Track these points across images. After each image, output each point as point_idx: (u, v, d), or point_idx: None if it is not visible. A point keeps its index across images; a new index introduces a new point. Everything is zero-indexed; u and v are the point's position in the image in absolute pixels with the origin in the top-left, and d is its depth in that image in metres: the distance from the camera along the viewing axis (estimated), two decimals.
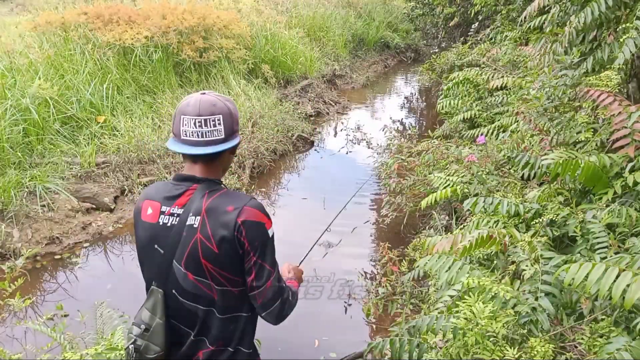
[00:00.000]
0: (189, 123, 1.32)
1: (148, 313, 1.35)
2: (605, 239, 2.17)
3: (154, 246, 1.36)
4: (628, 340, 1.64)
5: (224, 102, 1.37)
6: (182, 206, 1.35)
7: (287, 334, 3.37)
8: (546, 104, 3.20)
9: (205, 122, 1.32)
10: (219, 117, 1.33)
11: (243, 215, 1.31)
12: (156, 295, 1.36)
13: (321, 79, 9.82)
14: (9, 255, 4.13)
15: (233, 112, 1.38)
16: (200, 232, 1.31)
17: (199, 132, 1.32)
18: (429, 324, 1.95)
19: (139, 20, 6.98)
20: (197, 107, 1.32)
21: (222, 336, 1.40)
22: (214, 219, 1.31)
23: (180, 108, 1.35)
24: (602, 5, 2.65)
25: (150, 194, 1.41)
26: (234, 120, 1.39)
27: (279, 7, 10.82)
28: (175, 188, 1.38)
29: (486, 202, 2.61)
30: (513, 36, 6.43)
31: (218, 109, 1.34)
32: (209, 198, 1.34)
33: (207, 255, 1.31)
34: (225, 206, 1.33)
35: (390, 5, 15.68)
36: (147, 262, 1.40)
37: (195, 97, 1.35)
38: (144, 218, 1.38)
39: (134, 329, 1.35)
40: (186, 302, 1.36)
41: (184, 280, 1.34)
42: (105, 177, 5.23)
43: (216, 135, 1.33)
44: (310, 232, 4.83)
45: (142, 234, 1.39)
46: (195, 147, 1.33)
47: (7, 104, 5.04)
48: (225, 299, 1.37)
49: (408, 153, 4.55)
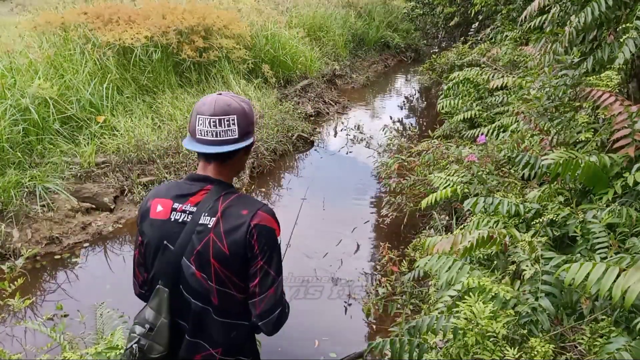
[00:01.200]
0: (204, 122, 1.33)
1: (153, 312, 1.35)
2: (605, 239, 2.17)
3: (164, 242, 1.36)
4: (628, 340, 1.63)
5: (239, 103, 1.38)
6: (195, 204, 1.36)
7: (287, 334, 3.37)
8: (546, 103, 3.20)
9: (220, 122, 1.33)
10: (233, 117, 1.34)
11: (256, 219, 1.33)
12: (162, 295, 1.36)
13: (321, 78, 9.82)
14: (9, 255, 4.13)
15: (248, 112, 1.39)
16: (214, 232, 1.32)
17: (214, 131, 1.33)
18: (429, 324, 1.94)
19: (138, 20, 6.98)
20: (212, 107, 1.33)
21: (222, 342, 1.40)
22: (228, 221, 1.33)
23: (197, 107, 1.36)
24: (602, 5, 2.65)
25: (160, 193, 1.42)
26: (249, 120, 1.40)
27: (279, 7, 10.81)
28: (188, 187, 1.40)
29: (486, 202, 2.61)
30: (513, 36, 6.43)
31: (232, 109, 1.35)
32: (225, 200, 1.36)
33: (217, 256, 1.32)
34: (239, 209, 1.35)
35: (390, 5, 15.67)
36: (155, 260, 1.40)
37: (212, 96, 1.36)
38: (154, 215, 1.38)
39: (137, 328, 1.34)
40: (191, 299, 1.36)
41: (191, 277, 1.35)
42: (105, 177, 5.22)
43: (230, 135, 1.34)
44: (310, 232, 4.85)
45: (150, 232, 1.39)
46: (209, 146, 1.35)
47: (7, 104, 5.04)
48: (225, 302, 1.36)
49: (408, 153, 4.55)
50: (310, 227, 5.00)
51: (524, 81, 4.51)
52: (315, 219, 5.10)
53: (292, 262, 4.11)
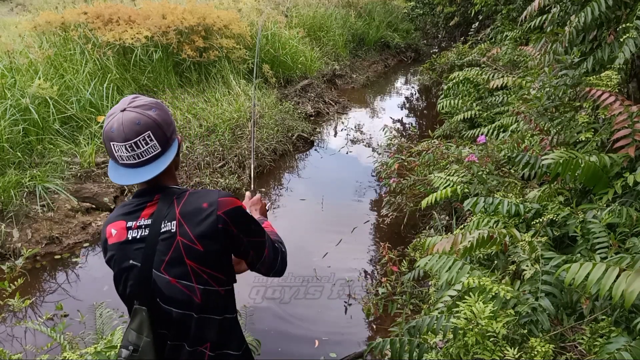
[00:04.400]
0: (121, 149, 1.27)
1: (135, 333, 1.32)
2: (605, 239, 2.17)
3: (130, 262, 1.33)
4: (628, 340, 1.63)
5: (147, 114, 1.29)
6: (149, 216, 1.34)
7: (287, 334, 3.37)
8: (546, 103, 3.20)
9: (137, 145, 1.27)
10: (147, 134, 1.28)
11: (221, 207, 1.32)
12: (141, 314, 1.33)
13: (321, 78, 9.82)
14: (9, 255, 4.13)
15: (160, 120, 1.31)
16: (180, 234, 1.30)
17: (134, 155, 1.28)
18: (429, 324, 1.94)
19: (138, 20, 6.98)
20: (122, 132, 1.26)
21: (209, 338, 1.38)
22: (192, 219, 1.31)
23: (106, 133, 1.28)
24: (602, 5, 2.65)
25: (111, 218, 1.39)
26: (165, 128, 1.32)
27: (280, 7, 10.81)
28: (137, 203, 1.37)
29: (486, 202, 2.61)
30: (513, 36, 6.43)
31: (143, 126, 1.27)
32: (179, 202, 1.34)
33: (192, 255, 1.30)
34: (199, 204, 1.33)
35: (390, 5, 15.67)
36: (126, 282, 1.36)
37: (117, 117, 1.27)
38: (111, 241, 1.35)
39: (122, 352, 1.33)
40: (172, 309, 1.34)
41: (167, 287, 1.32)
42: (105, 177, 5.22)
43: (152, 152, 1.29)
44: (309, 232, 4.84)
45: (113, 258, 1.36)
46: (136, 169, 1.30)
47: (7, 104, 5.04)
48: (210, 300, 1.35)
49: (408, 153, 4.55)
50: (311, 227, 5.00)
51: (524, 81, 4.51)
52: (315, 219, 5.10)
53: (292, 262, 4.11)
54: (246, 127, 6.47)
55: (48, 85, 5.38)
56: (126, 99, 1.33)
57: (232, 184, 5.42)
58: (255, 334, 3.05)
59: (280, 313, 3.53)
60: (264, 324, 3.44)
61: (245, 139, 6.15)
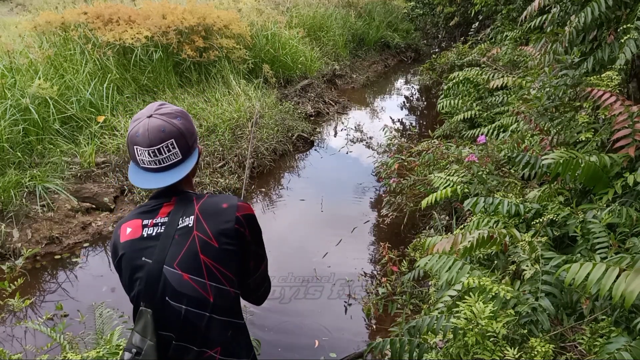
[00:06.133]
0: (144, 154, 1.31)
1: (139, 336, 1.32)
2: (605, 239, 2.17)
3: (142, 259, 1.33)
4: (628, 340, 1.64)
5: (172, 123, 1.33)
6: (166, 215, 1.36)
7: (287, 334, 3.37)
8: (546, 103, 3.20)
9: (160, 151, 1.31)
10: (171, 142, 1.31)
11: (240, 210, 1.37)
12: (145, 317, 1.32)
13: (321, 78, 9.82)
14: (9, 255, 4.13)
15: (184, 129, 1.35)
16: (197, 229, 1.32)
17: (156, 160, 1.32)
18: (429, 324, 1.94)
19: (139, 20, 6.98)
20: (146, 137, 1.30)
21: (220, 341, 1.37)
22: (211, 216, 1.35)
23: (130, 137, 1.32)
24: (602, 5, 2.65)
25: (126, 218, 1.40)
26: (188, 137, 1.36)
27: (280, 7, 10.81)
28: (154, 203, 1.40)
29: (486, 202, 2.61)
30: (513, 36, 6.43)
31: (167, 134, 1.31)
32: (198, 201, 1.38)
33: (206, 251, 1.32)
34: (218, 204, 1.37)
35: (390, 5, 15.67)
36: (135, 280, 1.36)
37: (143, 123, 1.31)
38: (124, 239, 1.36)
39: (125, 355, 1.32)
40: (182, 307, 1.33)
41: (178, 283, 1.31)
42: (105, 177, 5.22)
43: (174, 159, 1.33)
44: (309, 231, 4.84)
45: (123, 258, 1.36)
46: (157, 173, 1.33)
47: (7, 104, 5.04)
48: (220, 298, 1.35)
49: (408, 153, 4.55)
50: (310, 227, 5.01)
51: (524, 81, 4.51)
52: (315, 219, 5.11)
53: (293, 262, 4.12)
54: (246, 127, 6.47)
55: (48, 85, 5.38)
56: (153, 105, 1.37)
57: (232, 184, 5.42)
58: (255, 334, 3.06)
59: (280, 313, 3.54)
60: (263, 324, 3.45)
61: (245, 139, 6.15)
